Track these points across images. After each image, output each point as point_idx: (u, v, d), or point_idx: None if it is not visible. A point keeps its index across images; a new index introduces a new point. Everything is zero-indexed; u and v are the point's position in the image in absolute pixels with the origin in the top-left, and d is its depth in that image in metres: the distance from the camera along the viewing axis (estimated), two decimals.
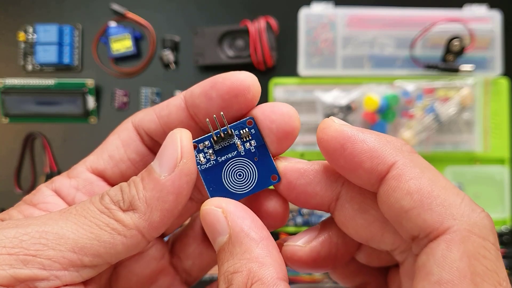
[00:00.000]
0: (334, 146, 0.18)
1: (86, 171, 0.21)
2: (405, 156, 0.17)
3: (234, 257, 0.17)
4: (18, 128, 0.60)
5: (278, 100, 0.56)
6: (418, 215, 0.16)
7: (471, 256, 0.15)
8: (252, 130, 0.20)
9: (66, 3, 0.60)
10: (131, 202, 0.18)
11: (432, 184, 0.16)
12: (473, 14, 0.55)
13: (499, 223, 0.56)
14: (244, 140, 0.20)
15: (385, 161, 0.17)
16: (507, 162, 0.56)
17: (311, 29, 0.56)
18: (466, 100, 0.54)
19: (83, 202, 0.19)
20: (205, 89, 0.20)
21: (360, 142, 0.17)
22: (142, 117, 0.21)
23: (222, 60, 0.57)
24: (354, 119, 0.54)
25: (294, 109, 0.19)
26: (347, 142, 0.17)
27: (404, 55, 0.56)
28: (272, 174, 0.20)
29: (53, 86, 0.58)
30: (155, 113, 0.21)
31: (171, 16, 0.60)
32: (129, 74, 0.60)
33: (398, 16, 0.56)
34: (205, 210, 0.18)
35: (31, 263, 0.16)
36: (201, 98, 0.20)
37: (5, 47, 0.60)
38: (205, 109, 0.20)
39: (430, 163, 0.53)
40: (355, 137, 0.17)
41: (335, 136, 0.18)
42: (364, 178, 0.17)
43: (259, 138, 0.20)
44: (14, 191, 0.59)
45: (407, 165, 0.17)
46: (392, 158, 0.17)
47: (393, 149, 0.17)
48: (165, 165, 0.18)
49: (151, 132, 0.21)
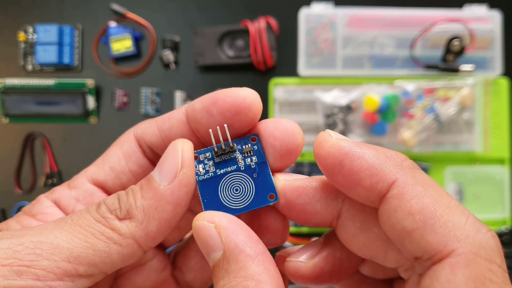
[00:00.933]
0: (332, 163, 0.17)
1: (87, 182, 0.21)
2: (406, 173, 0.16)
3: (230, 274, 0.16)
4: (18, 128, 0.60)
5: (278, 100, 0.56)
6: (421, 236, 0.15)
7: (477, 281, 0.14)
8: (254, 146, 0.20)
9: (66, 3, 0.60)
10: (128, 211, 0.18)
11: (435, 203, 0.16)
12: (473, 14, 0.55)
13: (499, 223, 0.56)
14: (246, 155, 0.20)
15: (385, 179, 0.16)
16: (507, 162, 0.56)
17: (311, 29, 0.56)
18: (466, 100, 0.54)
19: (79, 211, 0.18)
20: (206, 105, 0.19)
21: (358, 159, 0.16)
22: (144, 129, 0.21)
23: (222, 60, 0.57)
24: (354, 119, 0.54)
25: (298, 126, 0.19)
26: (345, 159, 0.17)
27: (404, 55, 0.56)
28: (270, 192, 0.19)
29: (53, 86, 0.58)
30: (157, 125, 0.21)
31: (171, 16, 0.60)
32: (129, 74, 0.60)
33: (398, 16, 0.56)
34: (197, 225, 0.18)
35: (25, 274, 0.16)
36: (202, 113, 0.19)
37: (5, 47, 0.60)
38: (206, 125, 0.19)
39: (430, 163, 0.53)
40: (353, 153, 0.17)
41: (332, 152, 0.17)
42: (363, 196, 0.17)
43: (261, 154, 0.20)
44: (14, 191, 0.59)
45: (408, 183, 0.16)
46: (392, 176, 0.16)
47: (393, 165, 0.16)
48: (165, 174, 0.18)
49: (152, 144, 0.21)
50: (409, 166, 0.17)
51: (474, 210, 0.55)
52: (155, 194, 0.18)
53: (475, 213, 0.55)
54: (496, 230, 0.55)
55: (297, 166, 0.56)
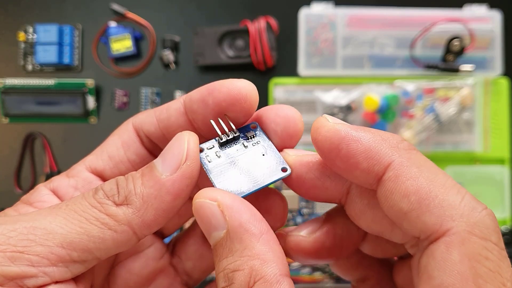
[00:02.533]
0: (329, 147, 0.17)
1: (85, 171, 0.21)
2: (401, 154, 0.17)
3: (234, 254, 0.16)
4: (18, 128, 0.60)
5: (278, 100, 0.56)
6: (417, 217, 0.15)
7: (472, 258, 0.14)
8: (256, 132, 0.20)
9: (66, 3, 0.60)
10: (127, 197, 0.18)
11: (430, 183, 0.16)
12: (473, 14, 0.55)
13: (499, 223, 0.56)
14: (250, 139, 0.20)
15: (381, 161, 0.16)
16: (507, 162, 0.56)
17: (311, 29, 0.56)
18: (466, 100, 0.54)
19: (75, 197, 0.18)
20: (202, 95, 0.20)
21: (355, 142, 0.17)
22: (142, 119, 0.21)
23: (222, 60, 0.57)
24: (354, 119, 0.54)
25: (298, 112, 0.20)
26: (342, 143, 0.17)
27: (404, 55, 0.56)
28: (282, 166, 0.19)
29: (53, 86, 0.58)
30: (155, 115, 0.21)
31: (171, 16, 0.60)
32: (129, 74, 0.60)
33: (398, 16, 0.56)
34: (198, 203, 0.17)
35: (18, 260, 0.16)
36: (198, 103, 0.20)
37: (5, 47, 0.60)
38: (202, 115, 0.20)
39: None
40: (349, 136, 0.17)
41: (329, 136, 0.17)
42: (362, 179, 0.17)
43: (264, 137, 0.20)
44: (14, 191, 0.59)
45: (403, 165, 0.16)
46: (388, 158, 0.16)
47: (389, 147, 0.17)
48: (168, 165, 0.18)
49: (150, 134, 0.21)
50: (405, 147, 0.17)
51: None
52: (156, 183, 0.18)
53: None
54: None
55: None
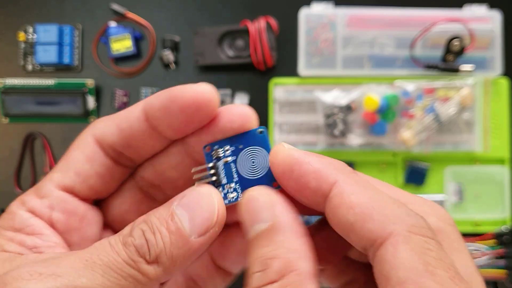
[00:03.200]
0: (284, 169, 0.19)
1: (56, 189, 0.21)
2: (345, 175, 0.18)
3: (275, 244, 0.18)
4: (18, 128, 0.60)
5: (279, 100, 0.56)
6: (362, 226, 0.17)
7: (418, 251, 0.16)
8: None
9: (66, 3, 0.60)
10: (158, 256, 0.18)
11: (372, 198, 0.18)
12: (473, 14, 0.56)
13: (499, 223, 0.56)
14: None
15: (328, 180, 0.18)
16: (507, 162, 0.56)
17: (311, 29, 0.56)
18: (466, 100, 0.54)
19: (103, 247, 0.19)
20: (164, 103, 0.20)
21: (306, 164, 0.19)
22: (102, 130, 0.21)
23: (222, 60, 0.57)
24: (354, 119, 0.54)
25: (250, 109, 0.21)
26: (295, 165, 0.19)
27: (404, 55, 0.56)
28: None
29: (53, 86, 0.58)
30: (115, 124, 0.21)
31: (171, 16, 0.60)
32: (129, 74, 0.60)
33: (398, 16, 0.56)
34: (252, 196, 0.19)
35: None
36: (161, 111, 0.20)
37: (5, 47, 0.60)
38: (167, 122, 0.20)
39: (430, 163, 0.53)
40: (302, 159, 0.19)
41: (285, 159, 0.19)
42: (311, 198, 0.19)
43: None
44: (14, 191, 0.59)
45: (347, 183, 0.18)
46: (334, 177, 0.18)
47: (334, 169, 0.19)
48: (197, 227, 0.19)
49: (113, 144, 0.21)
50: (350, 171, 0.19)
51: (474, 210, 0.55)
52: (185, 244, 0.18)
53: (476, 213, 0.55)
54: (496, 230, 0.55)
55: None
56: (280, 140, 0.56)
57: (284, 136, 0.56)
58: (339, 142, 0.56)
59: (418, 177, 0.56)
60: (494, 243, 0.55)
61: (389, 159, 0.56)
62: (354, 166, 0.56)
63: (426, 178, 0.56)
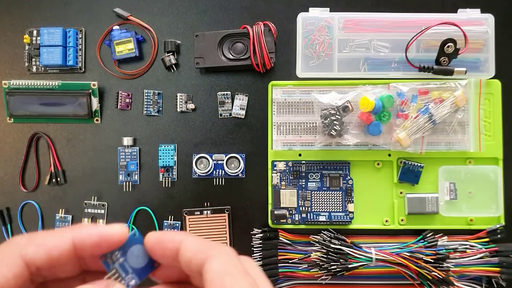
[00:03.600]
0: (153, 246, 0.24)
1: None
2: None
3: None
4: (23, 129, 0.61)
5: (277, 101, 0.57)
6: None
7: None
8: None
9: (70, 7, 0.61)
10: None
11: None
12: (467, 18, 0.56)
13: (494, 221, 0.57)
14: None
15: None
16: (500, 162, 0.57)
17: (309, 33, 0.57)
18: (460, 101, 0.55)
19: None
20: (95, 241, 0.24)
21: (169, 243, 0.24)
22: (33, 254, 0.23)
23: (222, 63, 0.58)
24: (350, 120, 0.55)
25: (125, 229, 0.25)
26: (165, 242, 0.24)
27: (399, 58, 0.57)
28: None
29: (57, 87, 0.59)
30: (45, 251, 0.23)
31: (172, 20, 0.61)
32: (132, 76, 0.61)
33: (393, 20, 0.57)
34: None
35: None
36: (92, 249, 0.24)
37: (11, 49, 0.62)
38: (94, 255, 0.24)
39: (424, 163, 0.54)
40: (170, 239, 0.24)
41: (158, 239, 0.24)
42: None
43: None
44: (19, 190, 0.60)
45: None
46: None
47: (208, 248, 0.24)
48: None
49: (40, 267, 0.23)
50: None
51: (468, 208, 0.56)
52: None
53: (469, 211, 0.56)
54: (490, 227, 0.56)
55: (295, 164, 0.58)
56: (278, 140, 0.58)
57: (282, 136, 0.58)
58: (336, 142, 0.57)
59: (413, 176, 0.57)
60: (487, 241, 0.56)
61: (384, 158, 0.57)
62: (350, 166, 0.58)
63: (421, 177, 0.57)
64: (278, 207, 0.57)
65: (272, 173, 0.58)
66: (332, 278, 0.55)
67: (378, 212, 0.58)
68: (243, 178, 0.59)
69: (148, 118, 0.60)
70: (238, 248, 0.59)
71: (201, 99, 0.60)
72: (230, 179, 0.60)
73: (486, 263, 0.55)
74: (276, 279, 0.57)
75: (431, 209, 0.56)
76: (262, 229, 0.58)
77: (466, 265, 0.55)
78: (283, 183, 0.58)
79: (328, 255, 0.54)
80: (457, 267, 0.54)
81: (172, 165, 0.59)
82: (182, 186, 0.60)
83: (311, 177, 0.57)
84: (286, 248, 0.57)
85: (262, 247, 0.57)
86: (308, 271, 0.56)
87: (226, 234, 0.59)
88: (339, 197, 0.57)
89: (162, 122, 0.60)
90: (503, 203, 0.56)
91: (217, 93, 0.60)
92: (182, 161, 0.60)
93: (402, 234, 0.58)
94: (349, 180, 0.57)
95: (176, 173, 0.60)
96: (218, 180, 0.59)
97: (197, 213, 0.59)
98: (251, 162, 0.59)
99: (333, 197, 0.57)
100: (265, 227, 0.58)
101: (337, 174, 0.57)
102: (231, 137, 0.60)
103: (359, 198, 0.58)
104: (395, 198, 0.57)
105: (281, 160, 0.58)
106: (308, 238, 0.57)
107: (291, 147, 0.57)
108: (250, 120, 0.60)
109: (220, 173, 0.59)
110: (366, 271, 0.55)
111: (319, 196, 0.57)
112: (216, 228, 0.59)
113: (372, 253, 0.53)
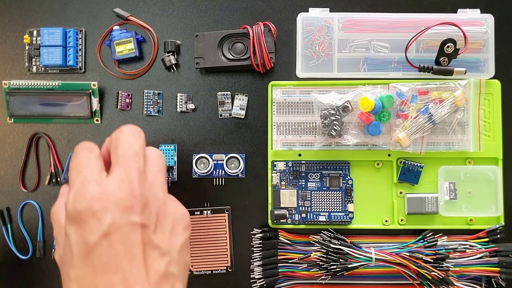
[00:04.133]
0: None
1: None
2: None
3: None
4: (23, 129, 0.61)
5: (276, 101, 0.58)
6: None
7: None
8: None
9: (70, 7, 0.61)
10: None
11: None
12: (467, 18, 0.57)
13: (493, 221, 0.57)
14: None
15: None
16: (500, 162, 0.57)
17: (308, 33, 0.58)
18: (460, 101, 0.55)
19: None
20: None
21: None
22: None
23: (222, 63, 0.58)
24: (350, 120, 0.55)
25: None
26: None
27: (399, 58, 0.57)
28: None
29: (57, 87, 0.59)
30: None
31: (172, 21, 0.61)
32: (132, 76, 0.61)
33: (393, 20, 0.57)
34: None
35: None
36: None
37: (11, 49, 0.62)
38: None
39: (424, 163, 0.54)
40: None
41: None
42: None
43: None
44: (19, 190, 0.60)
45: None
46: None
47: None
48: None
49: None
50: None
51: (467, 208, 0.56)
52: None
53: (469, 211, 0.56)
54: (489, 227, 0.56)
55: (295, 164, 0.58)
56: (278, 140, 0.58)
57: (282, 136, 0.58)
58: (336, 142, 0.57)
59: (412, 176, 0.57)
60: (487, 241, 0.56)
61: (384, 158, 0.58)
62: (350, 166, 0.58)
63: (420, 177, 0.57)
64: (278, 207, 0.57)
65: (272, 173, 0.58)
66: (332, 278, 0.55)
67: (378, 212, 0.58)
68: (243, 178, 0.59)
69: (148, 118, 0.60)
70: (238, 248, 0.60)
71: (201, 99, 0.60)
72: (230, 179, 0.60)
73: (485, 263, 0.55)
74: (276, 279, 0.57)
75: (431, 209, 0.56)
76: (262, 229, 0.58)
77: (466, 265, 0.55)
78: (283, 183, 0.58)
79: (328, 255, 0.54)
80: (457, 267, 0.54)
81: (172, 165, 0.59)
82: (182, 186, 0.60)
83: (311, 177, 0.57)
84: (286, 248, 0.57)
85: (262, 247, 0.57)
86: (308, 271, 0.56)
87: (226, 234, 0.59)
88: (339, 197, 0.57)
89: (162, 122, 0.60)
90: (503, 203, 0.57)
91: (217, 93, 0.60)
92: (182, 161, 0.60)
93: (401, 234, 0.58)
94: (348, 180, 0.57)
95: (176, 173, 0.60)
96: (218, 180, 0.60)
97: (197, 213, 0.59)
98: (251, 162, 0.59)
99: (333, 197, 0.57)
100: (265, 227, 0.58)
101: (337, 174, 0.57)
102: (231, 137, 0.60)
103: (358, 198, 0.58)
104: (395, 198, 0.58)
105: (281, 160, 0.58)
106: (308, 238, 0.57)
107: (291, 147, 0.58)
108: (250, 120, 0.60)
109: (220, 173, 0.59)
110: (366, 271, 0.56)
111: (319, 196, 0.57)
112: (216, 228, 0.59)
113: (372, 253, 0.53)
